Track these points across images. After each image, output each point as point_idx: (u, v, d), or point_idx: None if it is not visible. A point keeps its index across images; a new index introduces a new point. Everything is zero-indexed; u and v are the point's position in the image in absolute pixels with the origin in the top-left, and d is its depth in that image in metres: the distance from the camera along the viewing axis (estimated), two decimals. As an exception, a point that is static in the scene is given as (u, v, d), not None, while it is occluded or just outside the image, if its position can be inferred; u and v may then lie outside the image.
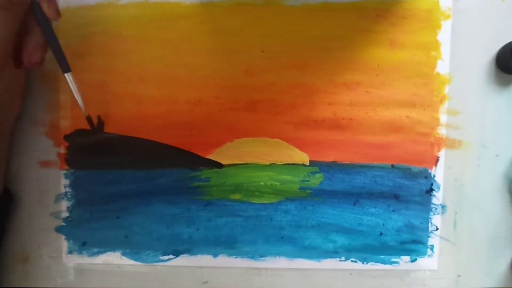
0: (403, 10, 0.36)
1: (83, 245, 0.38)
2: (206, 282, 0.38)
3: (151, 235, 0.38)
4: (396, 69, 0.36)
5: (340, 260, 0.37)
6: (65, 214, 0.38)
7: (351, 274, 0.38)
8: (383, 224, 0.37)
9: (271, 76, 0.37)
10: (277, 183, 0.37)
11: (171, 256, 0.38)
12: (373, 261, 0.37)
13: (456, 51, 0.36)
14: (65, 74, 0.33)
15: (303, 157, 0.37)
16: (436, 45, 0.36)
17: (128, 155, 0.37)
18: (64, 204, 0.38)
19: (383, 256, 0.37)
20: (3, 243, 0.37)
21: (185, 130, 0.37)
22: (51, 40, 0.32)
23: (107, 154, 0.37)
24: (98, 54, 0.37)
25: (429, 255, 0.37)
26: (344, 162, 0.37)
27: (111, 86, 0.37)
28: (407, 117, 0.37)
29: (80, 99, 0.34)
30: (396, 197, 0.37)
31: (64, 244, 0.38)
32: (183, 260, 0.38)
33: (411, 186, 0.37)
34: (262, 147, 0.37)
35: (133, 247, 0.38)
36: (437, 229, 0.37)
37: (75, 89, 0.34)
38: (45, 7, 0.31)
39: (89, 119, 0.36)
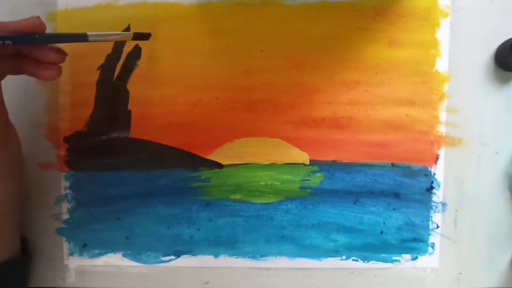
0: (401, 8, 0.36)
1: (84, 247, 0.38)
2: (207, 283, 0.38)
3: (152, 236, 0.38)
4: (395, 68, 0.36)
5: (341, 259, 0.37)
6: (66, 216, 0.38)
7: (352, 273, 0.38)
8: (384, 223, 0.37)
9: (270, 75, 0.37)
10: (277, 183, 0.37)
11: (172, 257, 0.38)
12: (374, 260, 0.37)
13: (454, 49, 0.36)
14: (89, 39, 0.30)
15: (303, 157, 0.37)
16: (434, 43, 0.36)
17: (128, 156, 0.37)
18: (65, 206, 0.38)
19: (384, 255, 0.37)
20: None
21: (185, 131, 0.37)
22: (51, 40, 0.30)
23: (107, 155, 0.37)
24: (97, 55, 0.37)
25: (430, 253, 0.37)
26: (344, 161, 0.37)
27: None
28: (407, 115, 0.37)
29: (113, 33, 0.32)
30: (397, 195, 0.37)
31: (65, 246, 0.38)
32: (184, 261, 0.38)
33: (411, 184, 0.37)
34: (262, 147, 0.37)
35: (134, 248, 0.38)
36: (438, 227, 0.37)
37: (104, 34, 0.31)
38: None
39: (137, 34, 0.33)
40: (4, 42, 0.27)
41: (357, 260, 0.37)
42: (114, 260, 0.38)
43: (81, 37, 0.30)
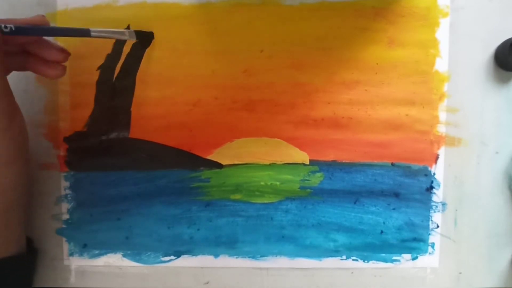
0: (401, 8, 0.36)
1: (84, 247, 0.38)
2: (207, 283, 0.38)
3: (152, 236, 0.38)
4: (394, 68, 0.36)
5: (341, 259, 0.37)
6: (66, 216, 0.38)
7: (352, 272, 0.38)
8: (384, 223, 0.37)
9: (270, 75, 0.37)
10: (277, 183, 0.37)
11: (172, 257, 0.38)
12: (374, 260, 0.37)
13: (454, 48, 0.36)
14: (92, 34, 0.32)
15: (303, 157, 0.37)
16: (434, 43, 0.36)
17: (128, 156, 0.37)
18: (65, 206, 0.38)
19: (384, 255, 0.37)
20: None
21: (185, 131, 0.37)
22: (53, 33, 0.33)
23: (107, 155, 0.37)
24: (97, 55, 0.37)
25: (430, 253, 0.37)
26: (344, 161, 0.37)
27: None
28: (407, 115, 0.37)
29: (116, 30, 0.34)
30: (396, 195, 0.37)
31: (65, 246, 0.38)
32: (184, 261, 0.38)
33: (411, 184, 0.37)
34: (262, 147, 0.37)
35: (134, 249, 0.38)
36: (438, 226, 0.37)
37: (107, 31, 0.33)
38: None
39: (139, 33, 0.35)
40: (6, 26, 0.28)
41: (357, 260, 0.37)
42: (114, 260, 0.38)
43: (84, 32, 0.32)
